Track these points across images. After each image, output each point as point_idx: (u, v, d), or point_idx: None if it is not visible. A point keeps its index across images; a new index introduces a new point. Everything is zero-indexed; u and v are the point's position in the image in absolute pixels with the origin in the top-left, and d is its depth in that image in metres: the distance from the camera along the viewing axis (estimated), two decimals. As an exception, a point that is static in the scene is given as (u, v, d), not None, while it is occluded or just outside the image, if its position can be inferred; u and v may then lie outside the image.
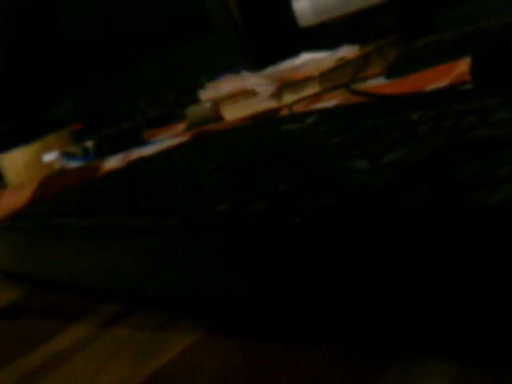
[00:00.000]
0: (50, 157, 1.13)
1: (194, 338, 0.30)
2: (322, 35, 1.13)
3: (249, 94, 0.96)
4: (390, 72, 0.82)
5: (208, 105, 1.04)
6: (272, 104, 0.92)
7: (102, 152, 1.09)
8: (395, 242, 0.24)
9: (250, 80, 0.96)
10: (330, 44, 1.02)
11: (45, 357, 0.36)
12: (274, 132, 0.52)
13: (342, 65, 0.93)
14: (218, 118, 1.02)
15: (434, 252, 0.22)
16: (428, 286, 0.22)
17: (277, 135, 0.50)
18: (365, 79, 0.86)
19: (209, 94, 1.04)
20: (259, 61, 1.27)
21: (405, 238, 0.24)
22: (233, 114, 0.97)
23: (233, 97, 0.98)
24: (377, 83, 0.80)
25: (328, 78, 0.89)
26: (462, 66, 0.64)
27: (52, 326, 0.40)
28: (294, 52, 1.05)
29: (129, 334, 0.34)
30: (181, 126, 1.13)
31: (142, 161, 0.68)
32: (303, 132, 0.47)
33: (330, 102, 0.76)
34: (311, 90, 0.89)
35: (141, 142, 1.10)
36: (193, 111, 1.09)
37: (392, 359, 0.23)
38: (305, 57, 1.01)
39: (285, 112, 0.81)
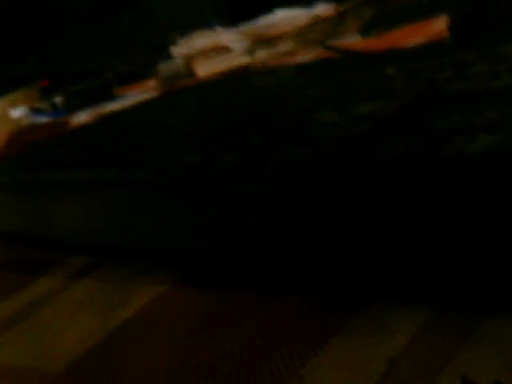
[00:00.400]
0: (18, 113, 1.11)
1: (162, 290, 0.30)
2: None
3: (222, 50, 0.94)
4: (366, 30, 0.81)
5: (180, 61, 1.03)
6: (246, 60, 0.90)
7: (72, 107, 1.06)
8: (367, 191, 0.24)
9: (223, 36, 0.94)
10: (305, 1, 1.01)
11: (14, 308, 0.35)
12: (248, 86, 0.51)
13: (317, 22, 0.92)
14: (191, 74, 1.00)
15: (407, 199, 0.22)
16: (401, 233, 0.22)
17: (250, 89, 0.49)
18: (340, 37, 0.85)
19: (181, 49, 1.02)
20: (233, 17, 1.25)
21: (377, 186, 0.23)
22: (206, 70, 0.96)
23: (206, 53, 0.96)
24: (352, 41, 0.79)
25: (302, 35, 0.88)
26: (438, 24, 0.63)
27: (20, 278, 0.40)
28: (268, 9, 1.03)
29: (97, 285, 0.33)
30: (152, 83, 1.11)
31: (112, 115, 0.67)
32: (277, 86, 0.46)
33: (304, 59, 0.74)
34: (285, 46, 0.88)
35: (111, 98, 1.08)
36: (164, 67, 1.07)
37: (362, 306, 0.22)
38: (280, 14, 0.99)
39: (259, 68, 0.79)
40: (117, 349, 0.26)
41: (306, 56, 0.73)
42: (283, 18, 0.93)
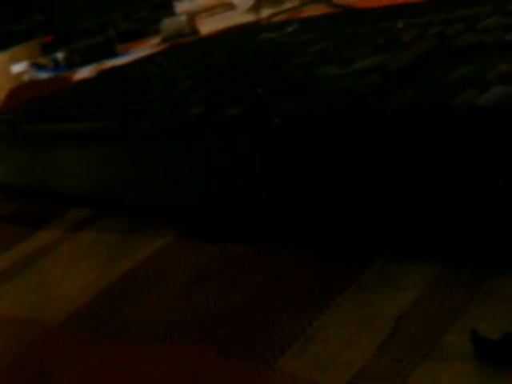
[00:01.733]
0: (18, 68, 1.10)
1: (164, 241, 0.29)
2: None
3: (226, 6, 0.93)
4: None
5: (183, 18, 1.01)
6: (250, 17, 0.89)
7: (73, 64, 1.05)
8: (375, 143, 0.23)
9: (227, -7, 0.93)
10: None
11: (12, 260, 0.35)
12: (253, 40, 0.50)
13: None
14: (194, 31, 0.99)
15: (416, 151, 0.21)
16: (409, 187, 0.21)
17: (255, 43, 0.48)
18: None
19: (184, 6, 1.01)
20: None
21: (385, 138, 0.23)
22: (209, 27, 0.94)
23: (209, 10, 0.95)
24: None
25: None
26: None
27: (19, 230, 0.39)
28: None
29: (98, 237, 0.33)
30: (155, 40, 1.10)
31: (115, 70, 0.66)
32: (282, 40, 0.45)
33: (310, 16, 0.73)
34: (290, 3, 0.87)
35: (113, 55, 1.07)
36: (167, 25, 1.05)
37: (369, 262, 0.22)
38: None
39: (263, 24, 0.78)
40: (118, 299, 0.26)
41: (312, 15, 0.72)
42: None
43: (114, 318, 0.25)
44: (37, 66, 1.06)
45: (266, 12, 0.89)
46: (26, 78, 1.06)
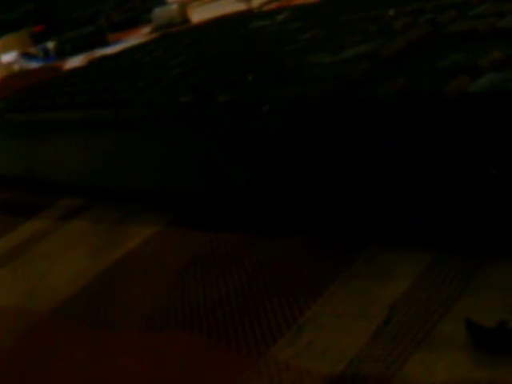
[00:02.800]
0: (8, 57, 1.09)
1: (155, 230, 0.29)
2: None
3: (218, -5, 0.92)
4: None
5: (175, 7, 1.01)
6: (241, 6, 0.89)
7: (64, 53, 1.05)
8: (366, 129, 0.23)
9: (219, -19, 0.92)
10: None
11: (1, 250, 0.35)
12: (244, 29, 0.49)
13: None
14: (185, 20, 0.99)
15: (408, 139, 0.21)
16: (401, 175, 0.21)
17: (246, 32, 0.48)
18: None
19: (176, -5, 1.00)
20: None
21: (376, 126, 0.23)
22: (200, 16, 0.94)
23: (201, -1, 0.94)
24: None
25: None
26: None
27: (9, 220, 0.39)
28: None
29: (89, 226, 0.33)
30: (146, 29, 1.09)
31: (105, 58, 0.65)
32: (273, 28, 0.45)
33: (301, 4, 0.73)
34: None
35: (104, 45, 1.06)
36: (159, 14, 1.05)
37: (362, 250, 0.22)
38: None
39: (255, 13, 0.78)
40: (108, 288, 0.26)
41: (304, 2, 0.72)
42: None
43: (104, 307, 0.24)
44: (27, 55, 1.05)
45: (257, 1, 0.89)
46: (16, 67, 1.05)
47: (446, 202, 0.20)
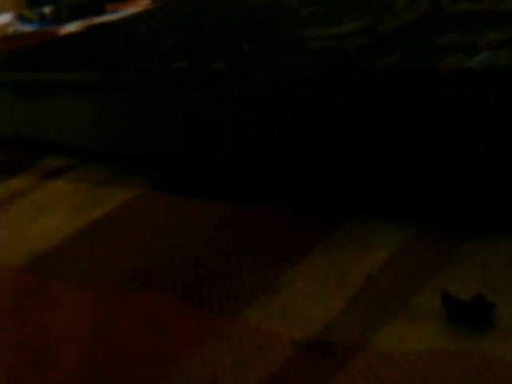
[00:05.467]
0: (2, 19, 1.07)
1: (136, 193, 0.29)
2: None
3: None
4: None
5: (176, -20, 0.99)
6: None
7: (60, 19, 1.03)
8: (358, 102, 0.22)
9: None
10: None
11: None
12: (244, 2, 0.49)
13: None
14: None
15: (399, 113, 0.21)
16: (390, 148, 0.21)
17: (246, 5, 0.47)
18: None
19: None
20: None
21: (369, 99, 0.22)
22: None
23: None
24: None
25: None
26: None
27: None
28: None
29: (69, 186, 0.32)
30: (147, 1, 1.08)
31: (102, 25, 0.64)
32: (273, 3, 0.44)
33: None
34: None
35: (102, 13, 1.05)
36: (160, -14, 1.03)
37: (342, 220, 0.22)
38: None
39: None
40: (82, 246, 0.25)
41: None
42: None
43: (78, 263, 0.24)
44: (22, 18, 1.03)
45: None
46: (10, 30, 1.04)
47: (433, 176, 0.20)
